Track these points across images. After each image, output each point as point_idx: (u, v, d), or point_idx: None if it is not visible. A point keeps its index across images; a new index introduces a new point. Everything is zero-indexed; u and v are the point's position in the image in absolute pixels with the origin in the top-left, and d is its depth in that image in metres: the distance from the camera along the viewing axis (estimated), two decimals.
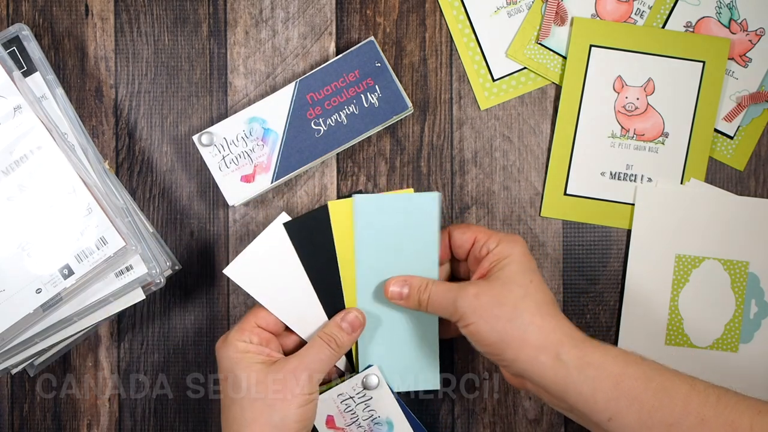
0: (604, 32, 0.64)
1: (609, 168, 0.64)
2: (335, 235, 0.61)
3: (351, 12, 0.67)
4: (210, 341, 0.67)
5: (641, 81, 0.64)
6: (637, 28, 0.64)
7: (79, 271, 0.60)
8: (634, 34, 0.64)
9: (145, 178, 0.67)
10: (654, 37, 0.64)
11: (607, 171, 0.64)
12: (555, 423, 0.66)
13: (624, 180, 0.64)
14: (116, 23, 0.67)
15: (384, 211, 0.61)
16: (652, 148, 0.63)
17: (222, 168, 0.63)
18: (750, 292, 0.65)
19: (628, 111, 0.63)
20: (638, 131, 0.63)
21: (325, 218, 0.61)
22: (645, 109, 0.63)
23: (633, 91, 0.63)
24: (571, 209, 0.65)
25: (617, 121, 0.63)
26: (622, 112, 0.63)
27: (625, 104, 0.63)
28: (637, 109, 0.63)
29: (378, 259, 0.61)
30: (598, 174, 0.64)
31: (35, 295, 0.59)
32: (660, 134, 0.63)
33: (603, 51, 0.63)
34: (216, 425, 0.67)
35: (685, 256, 0.65)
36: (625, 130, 0.63)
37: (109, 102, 0.67)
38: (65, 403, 0.67)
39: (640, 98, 0.63)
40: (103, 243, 0.60)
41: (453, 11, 0.67)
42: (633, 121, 0.64)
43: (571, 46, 0.64)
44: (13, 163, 0.60)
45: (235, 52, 0.67)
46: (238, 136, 0.63)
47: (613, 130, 0.63)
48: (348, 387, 0.61)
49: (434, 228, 0.60)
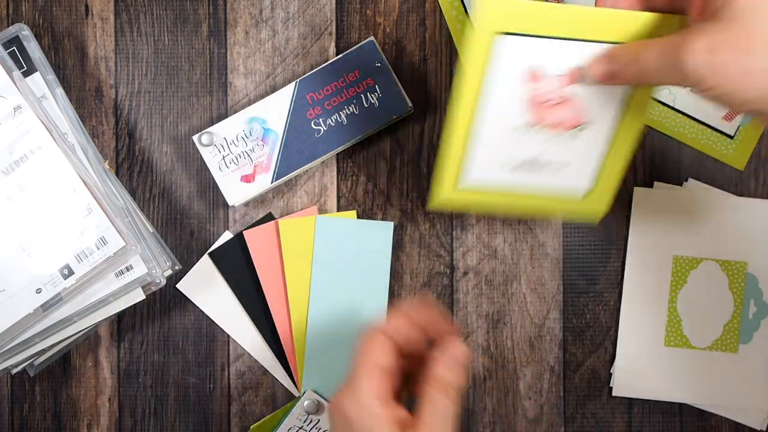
0: (513, 16, 0.51)
1: (515, 160, 0.55)
2: (284, 253, 0.65)
3: (351, 12, 0.67)
4: (210, 341, 0.67)
5: (557, 69, 0.52)
6: (556, 8, 0.50)
7: (79, 271, 0.60)
8: (551, 16, 0.51)
9: (145, 178, 0.67)
10: (575, 19, 0.50)
11: (512, 163, 0.55)
12: (555, 423, 0.66)
13: (529, 172, 0.55)
14: (116, 23, 0.67)
15: (343, 234, 0.64)
16: (565, 139, 0.54)
17: (222, 168, 0.63)
18: (748, 292, 0.65)
19: (543, 102, 0.53)
20: (554, 122, 0.54)
21: (243, 246, 0.66)
22: (563, 99, 0.53)
23: (550, 81, 0.53)
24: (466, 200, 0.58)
25: (528, 111, 0.53)
26: (535, 102, 0.53)
27: (540, 94, 0.53)
28: (553, 99, 0.53)
29: (332, 279, 0.64)
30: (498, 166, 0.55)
31: (35, 295, 0.59)
32: (578, 124, 0.54)
33: (513, 38, 0.51)
34: (215, 424, 0.67)
35: (683, 257, 0.65)
36: (537, 120, 0.53)
37: (109, 102, 0.67)
38: (65, 403, 0.67)
39: (557, 88, 0.53)
40: (103, 243, 0.60)
41: (453, 11, 0.67)
42: (549, 111, 0.53)
43: (477, 29, 0.51)
44: (13, 163, 0.60)
45: (235, 52, 0.67)
46: (238, 136, 0.63)
47: (523, 122, 0.54)
48: (293, 419, 0.64)
49: (387, 255, 0.64)
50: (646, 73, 0.45)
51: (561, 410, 0.67)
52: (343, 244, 0.64)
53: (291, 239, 0.65)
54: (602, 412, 0.66)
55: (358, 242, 0.65)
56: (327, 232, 0.65)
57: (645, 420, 0.66)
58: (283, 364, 0.66)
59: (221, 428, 0.67)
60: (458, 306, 0.67)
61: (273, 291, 0.65)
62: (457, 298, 0.67)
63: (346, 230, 0.65)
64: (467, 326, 0.67)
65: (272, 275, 0.65)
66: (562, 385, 0.67)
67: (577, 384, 0.66)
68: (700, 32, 0.42)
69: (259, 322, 0.66)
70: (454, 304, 0.67)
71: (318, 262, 0.65)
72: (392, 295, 0.66)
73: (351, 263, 0.64)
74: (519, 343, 0.67)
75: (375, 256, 0.65)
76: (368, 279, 0.64)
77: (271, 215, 0.67)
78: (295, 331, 0.65)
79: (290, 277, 0.65)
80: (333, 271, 0.65)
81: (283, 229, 0.65)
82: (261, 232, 0.66)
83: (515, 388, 0.67)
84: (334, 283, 0.65)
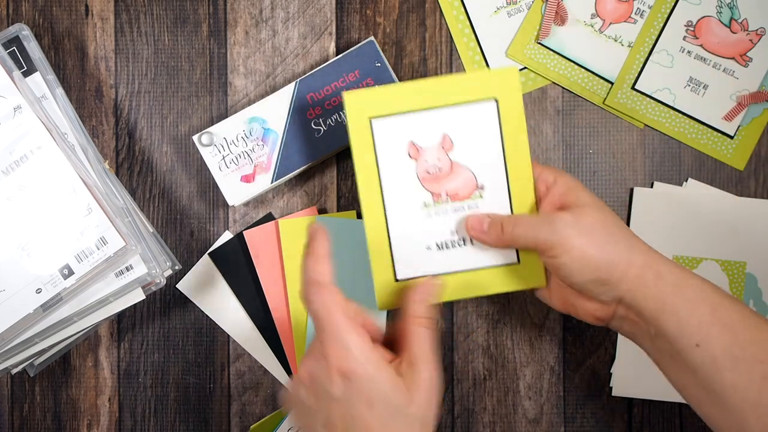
0: (379, 101, 0.55)
1: (433, 240, 0.56)
2: (284, 253, 0.65)
3: (351, 12, 0.67)
4: (210, 341, 0.67)
5: (436, 139, 0.55)
6: (414, 84, 0.55)
7: (79, 271, 0.60)
8: (412, 92, 0.55)
9: (145, 178, 0.67)
10: (435, 90, 0.55)
11: (432, 244, 0.56)
12: (555, 423, 0.66)
13: (453, 248, 0.56)
14: (116, 23, 0.67)
15: (342, 234, 0.64)
16: (471, 205, 0.56)
17: (222, 168, 0.63)
18: (748, 292, 0.65)
19: (432, 175, 0.55)
20: (450, 192, 0.56)
21: (243, 246, 0.66)
22: (450, 168, 0.56)
23: (430, 153, 0.56)
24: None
25: (425, 188, 0.56)
26: (426, 178, 0.55)
27: (426, 168, 0.55)
28: (441, 169, 0.56)
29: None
30: (423, 249, 0.56)
31: (35, 295, 0.59)
32: (475, 188, 0.56)
33: (385, 120, 0.55)
34: (215, 424, 0.67)
35: (683, 257, 0.65)
36: (436, 195, 0.56)
37: (109, 102, 0.67)
38: (65, 403, 0.67)
39: (440, 158, 0.56)
40: (103, 243, 0.60)
41: (453, 11, 0.67)
42: (441, 183, 0.56)
43: (351, 124, 0.55)
44: (13, 163, 0.60)
45: (235, 52, 0.67)
46: (238, 136, 0.63)
47: (424, 200, 0.56)
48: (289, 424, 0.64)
49: None
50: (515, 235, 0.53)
51: (561, 410, 0.67)
52: (341, 244, 0.64)
53: (291, 239, 0.65)
54: (602, 412, 0.66)
55: (356, 242, 0.65)
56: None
57: (645, 420, 0.66)
58: (283, 363, 0.66)
59: (221, 428, 0.67)
60: (458, 306, 0.67)
61: (273, 291, 0.66)
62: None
63: (345, 230, 0.65)
64: (467, 326, 0.67)
65: (272, 275, 0.65)
66: (562, 385, 0.67)
67: (577, 384, 0.66)
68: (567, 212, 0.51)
69: (259, 322, 0.66)
70: (454, 304, 0.67)
71: None
72: None
73: (349, 263, 0.64)
74: (519, 343, 0.67)
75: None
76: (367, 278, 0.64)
77: (271, 215, 0.67)
78: (294, 331, 0.65)
79: (290, 277, 0.65)
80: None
81: (283, 229, 0.65)
82: (261, 232, 0.66)
83: (515, 388, 0.67)
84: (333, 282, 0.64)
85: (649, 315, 0.50)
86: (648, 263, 0.50)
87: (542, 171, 0.55)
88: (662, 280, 0.50)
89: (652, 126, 0.66)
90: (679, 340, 0.49)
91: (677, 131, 0.66)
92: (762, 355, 0.47)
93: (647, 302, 0.50)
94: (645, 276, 0.50)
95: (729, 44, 0.66)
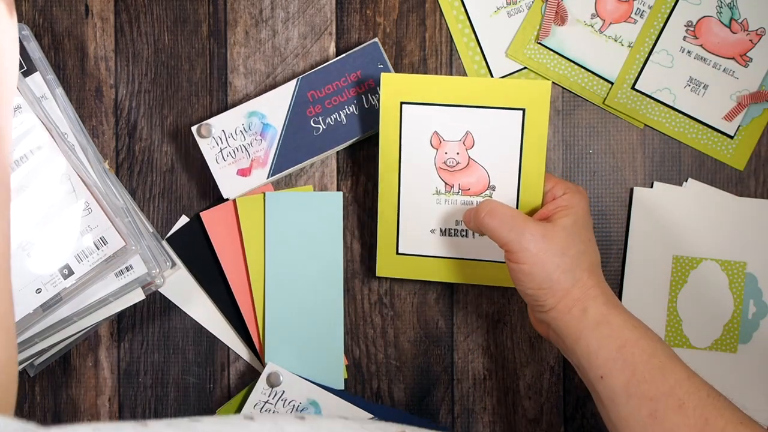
0: (413, 88, 0.59)
1: (438, 225, 0.61)
2: (243, 231, 0.65)
3: (351, 12, 0.67)
4: (210, 341, 0.67)
5: (459, 135, 0.59)
6: (449, 80, 0.59)
7: (79, 271, 0.60)
8: (445, 87, 0.59)
9: (145, 178, 0.67)
10: (467, 89, 0.58)
11: (436, 228, 0.61)
12: (555, 423, 0.66)
13: (455, 236, 0.61)
14: (116, 23, 0.67)
15: (293, 207, 0.64)
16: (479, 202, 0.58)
17: (219, 160, 0.63)
18: (748, 292, 0.65)
19: (449, 166, 0.60)
20: (463, 186, 0.60)
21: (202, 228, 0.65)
22: (467, 164, 0.60)
23: (452, 146, 0.60)
24: (404, 267, 0.63)
25: (440, 177, 0.60)
26: (443, 168, 0.60)
27: (445, 160, 0.60)
28: (459, 164, 0.60)
29: (287, 253, 0.64)
30: (428, 231, 0.62)
31: (35, 295, 0.59)
32: (486, 188, 0.60)
33: (415, 107, 0.59)
34: None
35: (683, 258, 0.65)
36: (449, 186, 0.60)
37: (109, 102, 0.67)
38: (65, 403, 0.67)
39: (460, 153, 0.59)
40: (103, 243, 0.60)
41: (453, 11, 0.67)
42: (456, 176, 0.60)
43: (383, 104, 0.59)
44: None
45: (235, 52, 0.67)
46: (237, 129, 0.63)
47: (437, 187, 0.60)
48: (258, 395, 0.64)
49: (339, 224, 0.65)
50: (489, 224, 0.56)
51: (561, 410, 0.67)
52: (294, 217, 0.65)
53: (249, 216, 0.65)
54: None
55: (308, 215, 0.65)
56: (278, 207, 0.65)
57: None
58: (249, 344, 0.66)
59: None
60: (458, 306, 0.67)
61: (233, 271, 0.65)
62: (457, 299, 0.67)
63: (296, 203, 0.65)
64: (467, 326, 0.67)
65: (232, 255, 0.65)
66: (562, 385, 0.67)
67: (577, 384, 0.66)
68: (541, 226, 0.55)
69: (222, 303, 0.66)
70: (454, 305, 0.67)
71: (271, 237, 0.65)
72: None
73: (303, 235, 0.64)
74: (519, 343, 0.67)
75: (327, 227, 0.64)
76: (323, 251, 0.65)
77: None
78: (257, 309, 0.65)
79: (250, 256, 0.65)
80: (287, 246, 0.65)
81: (241, 207, 0.65)
82: (218, 212, 0.65)
83: (515, 388, 0.67)
84: (289, 256, 0.65)
85: (569, 344, 0.54)
86: (581, 298, 0.54)
87: (556, 184, 0.59)
88: (585, 316, 0.53)
89: (652, 126, 0.66)
90: (588, 371, 0.53)
91: (677, 131, 0.66)
92: (652, 392, 0.50)
93: (568, 332, 0.54)
94: (572, 310, 0.53)
95: (729, 44, 0.66)
